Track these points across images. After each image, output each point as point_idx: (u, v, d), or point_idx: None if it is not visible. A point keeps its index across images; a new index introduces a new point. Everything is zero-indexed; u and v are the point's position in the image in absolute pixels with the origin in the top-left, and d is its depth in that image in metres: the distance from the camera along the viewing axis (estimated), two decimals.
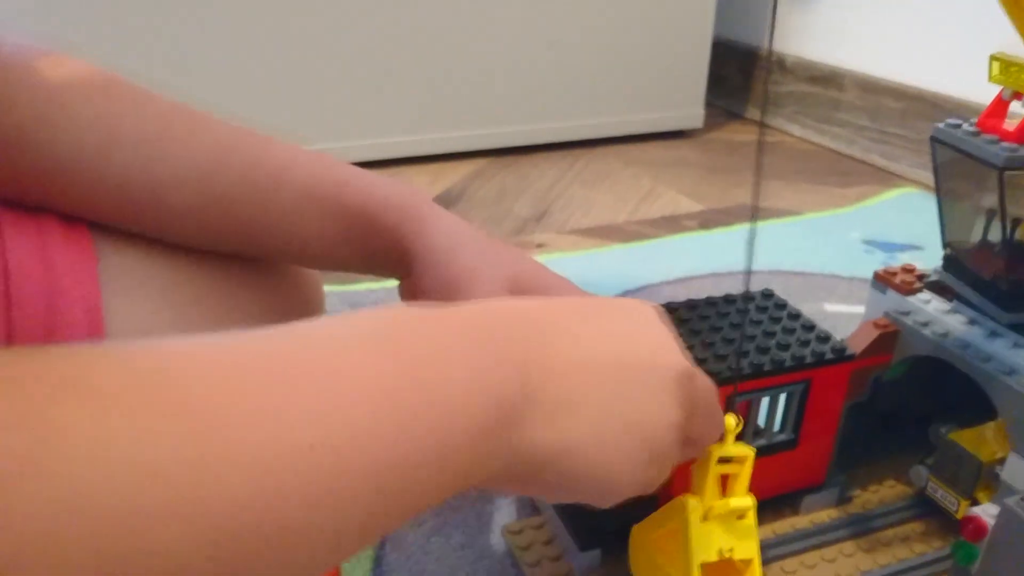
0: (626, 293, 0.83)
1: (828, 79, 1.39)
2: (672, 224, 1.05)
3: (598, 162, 1.30)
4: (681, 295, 0.83)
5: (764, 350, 0.48)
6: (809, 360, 0.47)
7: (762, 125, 1.50)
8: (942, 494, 0.50)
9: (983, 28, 0.40)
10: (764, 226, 1.04)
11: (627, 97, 1.37)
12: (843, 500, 0.55)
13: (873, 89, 1.31)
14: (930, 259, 0.92)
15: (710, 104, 1.45)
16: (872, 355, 0.50)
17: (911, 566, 0.50)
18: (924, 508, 0.54)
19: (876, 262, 0.93)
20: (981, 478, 0.48)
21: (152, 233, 0.54)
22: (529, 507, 0.56)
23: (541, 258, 0.92)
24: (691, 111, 1.43)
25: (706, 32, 1.39)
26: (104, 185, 0.51)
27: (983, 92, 0.42)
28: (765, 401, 0.49)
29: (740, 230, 1.02)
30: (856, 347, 0.49)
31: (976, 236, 0.46)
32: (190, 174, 0.52)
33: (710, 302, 0.53)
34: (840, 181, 1.23)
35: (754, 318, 0.51)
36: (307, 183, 0.54)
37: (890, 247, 0.97)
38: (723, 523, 0.41)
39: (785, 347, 0.48)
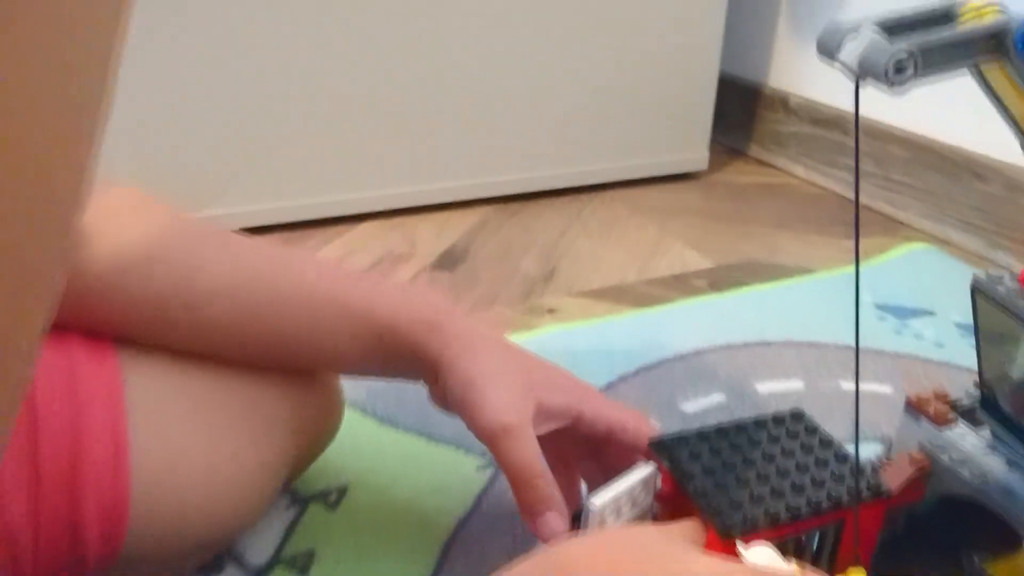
0: (640, 371, 0.83)
1: (832, 122, 1.39)
2: (682, 284, 1.05)
3: (604, 210, 1.30)
4: (695, 370, 0.84)
5: (799, 488, 0.47)
6: (846, 500, 0.47)
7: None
8: None
9: None
10: (775, 288, 1.03)
11: (630, 142, 1.37)
12: None
13: (879, 136, 1.31)
14: (941, 325, 0.93)
15: (712, 140, 1.44)
16: (908, 492, 0.49)
17: None
18: None
19: (889, 329, 0.93)
20: None
21: (181, 347, 0.54)
22: None
23: (553, 327, 0.92)
24: (695, 155, 1.42)
25: (711, 75, 1.38)
26: (143, 301, 0.51)
27: (992, 145, 0.42)
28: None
29: (751, 292, 1.02)
30: (892, 483, 0.49)
31: (1014, 380, 0.45)
32: (226, 287, 0.52)
33: (740, 427, 0.53)
34: (847, 232, 1.23)
35: (785, 447, 0.51)
36: (338, 299, 0.55)
37: (902, 312, 0.97)
38: None
39: (820, 484, 0.48)
